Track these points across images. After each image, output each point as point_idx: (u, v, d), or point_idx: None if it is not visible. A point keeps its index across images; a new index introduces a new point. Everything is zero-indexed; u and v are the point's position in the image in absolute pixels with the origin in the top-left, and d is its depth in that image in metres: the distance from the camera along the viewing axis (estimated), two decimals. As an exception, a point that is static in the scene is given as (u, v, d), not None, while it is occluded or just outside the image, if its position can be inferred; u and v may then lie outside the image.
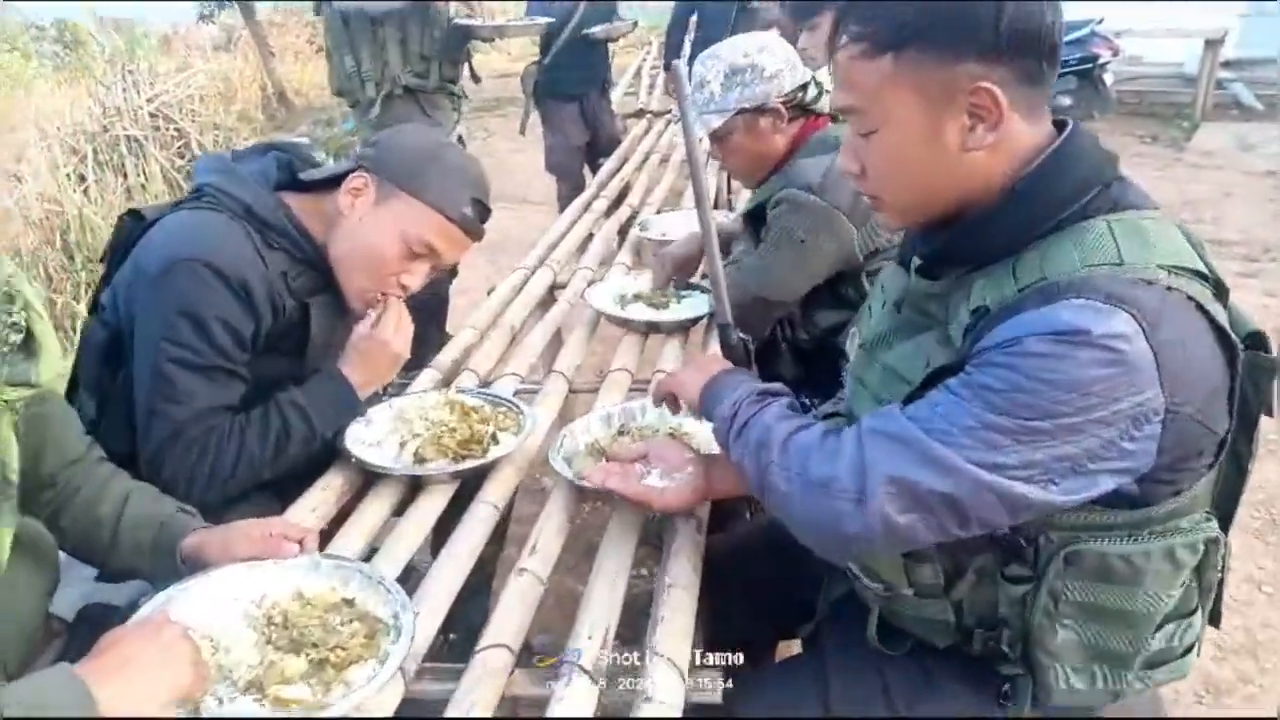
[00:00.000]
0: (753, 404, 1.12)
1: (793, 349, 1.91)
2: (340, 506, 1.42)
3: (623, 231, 3.07)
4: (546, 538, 1.28)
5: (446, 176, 1.44)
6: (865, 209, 1.79)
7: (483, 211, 1.50)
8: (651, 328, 2.02)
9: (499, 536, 1.80)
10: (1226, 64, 8.58)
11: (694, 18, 4.74)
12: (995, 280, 0.96)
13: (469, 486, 1.46)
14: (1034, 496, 0.89)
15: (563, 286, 2.48)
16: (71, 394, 1.48)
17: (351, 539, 1.30)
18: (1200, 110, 8.16)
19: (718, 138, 1.97)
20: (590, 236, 2.93)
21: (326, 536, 1.33)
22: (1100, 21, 7.45)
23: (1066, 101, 7.18)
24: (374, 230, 1.44)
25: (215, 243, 1.35)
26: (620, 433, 1.51)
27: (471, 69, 3.32)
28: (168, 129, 7.11)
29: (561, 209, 3.83)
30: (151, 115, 7.03)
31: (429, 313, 3.13)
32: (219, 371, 1.37)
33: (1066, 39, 2.93)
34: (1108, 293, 0.86)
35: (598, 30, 4.26)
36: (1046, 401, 0.86)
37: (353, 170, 1.46)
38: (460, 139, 3.19)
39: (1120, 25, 7.92)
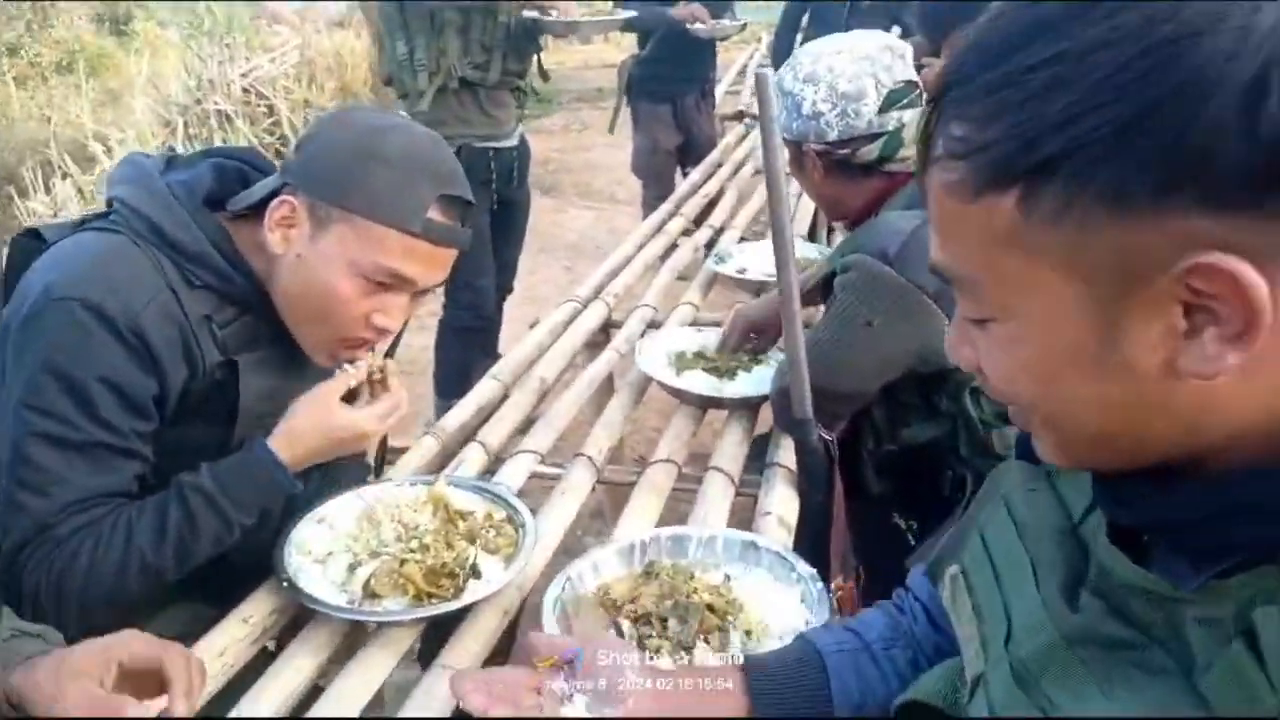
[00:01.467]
0: None
1: (876, 458, 1.44)
2: (259, 648, 1.07)
3: (709, 245, 2.66)
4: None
5: (394, 175, 1.04)
6: None
7: (458, 209, 1.09)
8: (710, 403, 1.61)
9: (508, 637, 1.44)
10: None
11: (806, 17, 4.27)
12: None
13: (442, 628, 1.10)
14: None
15: (619, 325, 2.10)
16: None
17: (260, 708, 0.94)
18: None
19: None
20: (663, 258, 2.54)
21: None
22: None
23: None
24: (317, 268, 1.06)
25: (104, 276, 1.01)
26: (647, 573, 1.10)
27: (540, 65, 2.95)
28: (259, 105, 7.01)
29: (645, 214, 3.48)
30: (244, 90, 6.94)
31: (473, 341, 2.79)
32: (101, 449, 1.02)
33: None
34: None
35: (701, 28, 3.83)
36: None
37: (278, 191, 1.08)
38: (522, 138, 2.83)
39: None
